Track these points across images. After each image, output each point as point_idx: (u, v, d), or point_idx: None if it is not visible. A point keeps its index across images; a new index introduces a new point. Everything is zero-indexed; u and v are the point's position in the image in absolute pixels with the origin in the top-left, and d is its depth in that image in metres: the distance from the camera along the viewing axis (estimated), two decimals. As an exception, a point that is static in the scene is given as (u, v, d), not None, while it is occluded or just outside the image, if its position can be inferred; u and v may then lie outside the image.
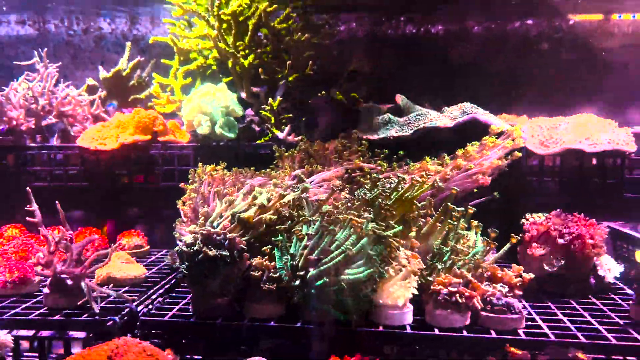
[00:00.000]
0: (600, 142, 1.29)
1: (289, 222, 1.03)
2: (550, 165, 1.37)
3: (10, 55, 1.84)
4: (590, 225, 1.10)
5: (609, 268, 1.10)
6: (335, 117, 1.47)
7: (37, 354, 1.00)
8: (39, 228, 1.02)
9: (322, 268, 0.91)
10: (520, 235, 1.13)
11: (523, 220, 1.20)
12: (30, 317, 0.96)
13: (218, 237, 0.95)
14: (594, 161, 1.36)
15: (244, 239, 0.99)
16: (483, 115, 1.33)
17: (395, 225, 0.97)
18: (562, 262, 1.07)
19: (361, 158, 1.30)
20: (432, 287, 0.95)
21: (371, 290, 0.93)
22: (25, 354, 1.01)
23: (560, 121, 1.39)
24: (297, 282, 0.92)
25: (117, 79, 1.66)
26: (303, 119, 1.52)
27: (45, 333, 0.99)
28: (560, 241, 1.07)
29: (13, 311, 0.98)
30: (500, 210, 1.27)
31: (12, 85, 1.45)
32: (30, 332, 0.99)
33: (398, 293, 0.94)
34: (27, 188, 1.02)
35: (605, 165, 1.33)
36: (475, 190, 1.21)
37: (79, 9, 1.74)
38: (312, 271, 0.92)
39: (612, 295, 1.09)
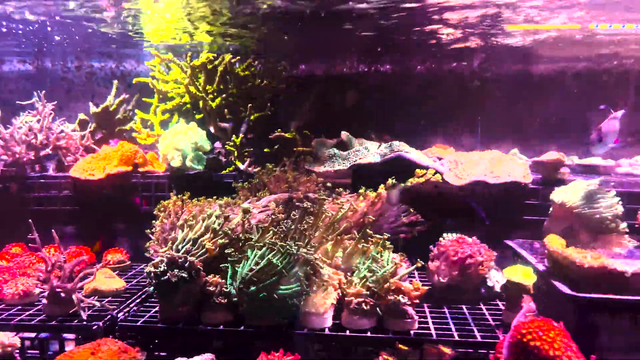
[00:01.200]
0: (501, 176, 1.56)
1: (239, 243, 1.30)
2: (465, 192, 1.64)
3: (12, 89, 2.10)
4: (479, 246, 1.37)
5: (497, 280, 1.37)
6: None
7: (38, 352, 1.26)
8: (39, 252, 1.28)
9: (260, 286, 1.18)
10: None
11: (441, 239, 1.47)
12: (32, 322, 1.22)
13: (180, 260, 1.22)
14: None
15: (201, 259, 1.26)
16: (407, 152, 1.59)
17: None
18: (457, 275, 1.34)
19: (307, 187, 1.57)
20: (346, 299, 1.21)
21: (299, 301, 1.19)
22: (28, 351, 1.26)
23: (473, 156, 1.66)
24: (242, 296, 1.19)
25: (105, 113, 1.92)
26: (266, 150, 1.79)
27: (44, 335, 1.26)
28: (454, 259, 1.34)
29: (19, 318, 1.25)
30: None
31: (15, 125, 1.70)
32: (32, 334, 1.25)
33: (319, 303, 1.20)
34: (30, 220, 1.28)
35: (508, 193, 1.60)
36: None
37: (74, 50, 1.99)
38: (252, 288, 1.18)
39: (498, 302, 1.36)
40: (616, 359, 1.11)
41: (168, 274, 1.19)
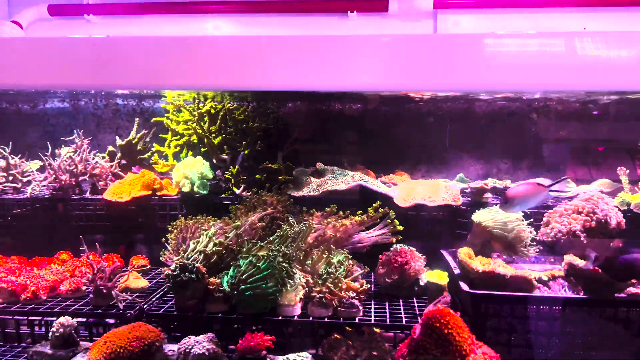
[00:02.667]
0: (437, 200, 2.01)
1: (233, 253, 1.76)
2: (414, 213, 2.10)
3: (53, 124, 2.57)
4: (415, 255, 1.83)
5: (428, 280, 1.83)
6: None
7: (87, 332, 1.73)
8: (88, 260, 1.74)
9: (248, 285, 1.63)
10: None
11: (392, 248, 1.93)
12: (83, 310, 1.69)
13: (189, 266, 1.68)
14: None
15: (204, 264, 1.72)
16: (366, 182, 2.05)
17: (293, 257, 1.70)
18: (396, 277, 1.80)
19: (287, 208, 2.03)
20: (311, 294, 1.67)
21: (276, 296, 1.65)
22: (81, 332, 1.73)
23: (418, 184, 2.12)
24: (235, 293, 1.65)
25: (128, 145, 2.38)
26: (257, 176, 2.24)
27: (92, 320, 1.72)
28: (395, 265, 1.80)
29: (73, 308, 1.71)
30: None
31: (62, 158, 2.16)
32: (83, 319, 1.71)
33: (291, 297, 1.66)
34: (81, 236, 1.75)
35: (443, 213, 2.06)
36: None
37: (102, 92, 2.46)
38: (242, 286, 1.64)
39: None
40: (501, 337, 1.57)
41: (180, 276, 1.65)
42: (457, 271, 1.74)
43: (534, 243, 1.86)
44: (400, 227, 1.94)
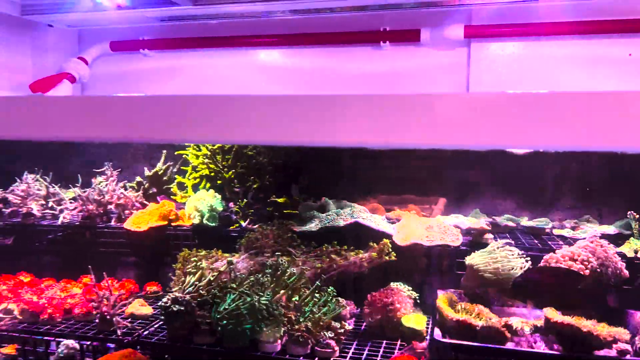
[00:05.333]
0: (435, 239, 2.00)
1: (223, 289, 1.85)
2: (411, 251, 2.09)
3: (92, 152, 2.82)
4: (400, 295, 1.83)
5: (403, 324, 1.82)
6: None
7: (91, 354, 1.89)
8: (94, 289, 1.92)
9: (230, 320, 1.72)
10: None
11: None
12: (88, 334, 1.86)
13: (181, 299, 1.80)
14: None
15: (195, 297, 1.83)
16: (363, 219, 2.07)
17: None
18: (380, 317, 1.81)
19: (287, 243, 2.10)
20: (289, 332, 1.72)
21: (257, 332, 1.72)
22: (87, 353, 1.90)
23: (418, 222, 2.11)
24: (219, 326, 1.74)
25: (155, 176, 2.56)
26: (267, 208, 2.34)
27: (95, 343, 1.88)
28: (379, 305, 1.81)
29: (81, 330, 1.89)
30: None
31: (91, 188, 2.38)
32: (87, 342, 1.88)
33: (271, 335, 1.72)
34: (89, 266, 1.92)
35: (441, 253, 2.04)
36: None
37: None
38: (224, 322, 1.73)
39: (412, 341, 1.81)
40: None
41: (171, 307, 1.77)
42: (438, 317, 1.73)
43: (528, 289, 1.80)
44: (394, 258, 1.96)
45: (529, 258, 1.83)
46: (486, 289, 1.84)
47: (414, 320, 1.67)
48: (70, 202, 2.39)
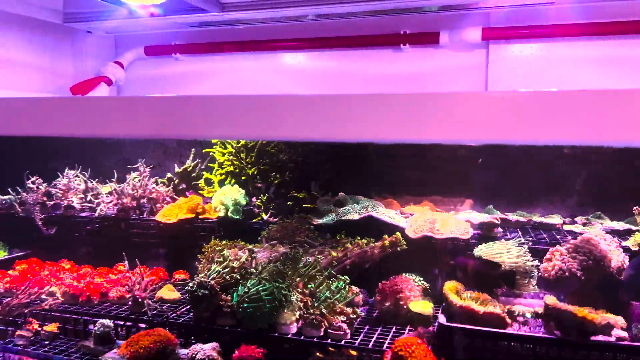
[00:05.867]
0: (445, 232, 2.10)
1: (245, 275, 2.00)
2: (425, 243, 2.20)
3: (129, 151, 3.01)
4: (410, 283, 1.94)
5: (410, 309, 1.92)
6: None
7: (124, 333, 2.06)
8: (128, 274, 2.09)
9: (250, 304, 1.86)
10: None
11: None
12: (122, 315, 2.03)
13: (205, 283, 1.95)
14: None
15: (219, 282, 1.98)
16: (377, 213, 2.19)
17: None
18: (390, 304, 1.92)
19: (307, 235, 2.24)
20: (305, 315, 1.85)
21: (274, 315, 1.86)
22: (120, 333, 2.07)
23: (431, 216, 2.21)
24: (240, 309, 1.88)
25: (184, 172, 2.73)
26: (288, 203, 2.48)
27: (128, 323, 2.05)
28: (388, 292, 1.92)
29: (115, 312, 2.06)
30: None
31: (126, 182, 2.56)
32: (121, 322, 2.05)
33: (287, 317, 1.85)
34: (123, 253, 2.09)
35: (452, 245, 2.13)
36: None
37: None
38: (245, 305, 1.87)
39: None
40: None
41: (197, 292, 1.93)
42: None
43: (532, 278, 1.89)
44: (404, 246, 2.07)
45: (526, 248, 1.92)
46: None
47: (421, 306, 1.78)
48: (107, 196, 2.57)
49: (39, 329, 2.08)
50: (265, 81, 3.42)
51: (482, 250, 1.94)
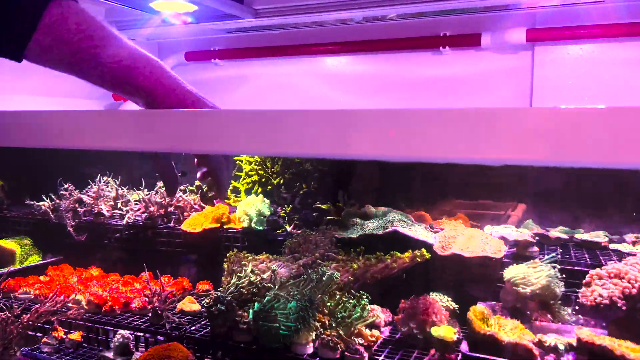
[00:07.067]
0: (475, 250, 1.96)
1: (263, 290, 1.94)
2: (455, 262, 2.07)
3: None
4: (434, 305, 1.82)
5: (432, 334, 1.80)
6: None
7: (143, 344, 2.05)
8: (148, 285, 2.08)
9: (265, 321, 1.80)
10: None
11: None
12: (141, 326, 2.02)
13: (222, 298, 1.91)
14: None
15: (239, 297, 1.93)
16: (402, 228, 2.08)
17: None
18: (413, 326, 1.81)
19: (329, 249, 2.16)
20: (322, 336, 1.77)
21: (289, 334, 1.79)
22: (140, 344, 2.06)
23: (462, 232, 2.08)
24: (256, 326, 1.83)
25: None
26: (314, 214, 2.41)
27: (147, 335, 2.04)
28: (412, 313, 1.81)
29: (135, 323, 2.05)
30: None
31: (154, 191, 2.57)
32: (140, 334, 2.04)
33: (303, 337, 1.78)
34: (144, 263, 2.08)
35: (482, 264, 1.99)
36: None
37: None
38: (261, 322, 1.81)
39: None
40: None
41: (213, 307, 1.89)
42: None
43: (569, 305, 1.74)
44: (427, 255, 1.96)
45: (557, 271, 1.76)
46: (526, 303, 1.79)
47: (444, 331, 1.66)
48: (136, 204, 2.58)
49: (64, 336, 2.11)
50: (302, 86, 3.37)
51: (513, 272, 1.80)
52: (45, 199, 2.62)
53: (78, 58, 0.95)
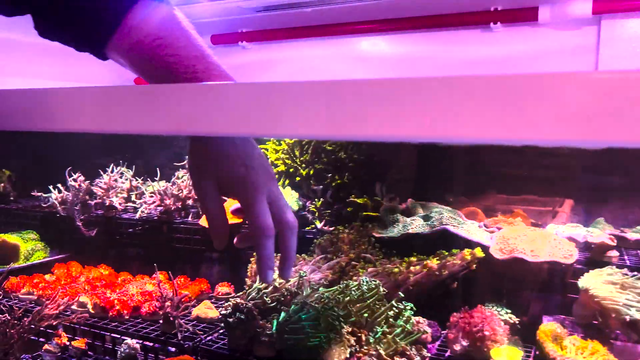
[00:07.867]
0: (541, 255, 1.65)
1: (288, 298, 1.67)
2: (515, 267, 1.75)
3: (182, 147, 2.79)
4: (491, 321, 1.51)
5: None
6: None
7: (152, 355, 1.81)
8: (160, 288, 1.82)
9: (290, 335, 1.53)
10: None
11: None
12: (151, 335, 1.77)
13: (242, 307, 1.64)
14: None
15: (258, 305, 1.66)
16: (454, 226, 1.77)
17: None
18: (466, 345, 1.51)
19: (365, 250, 1.87)
20: (357, 354, 1.49)
21: (317, 350, 1.51)
22: (149, 355, 1.82)
23: (524, 232, 1.76)
24: (280, 339, 1.56)
25: (236, 171, 2.45)
26: (348, 209, 2.12)
27: (157, 345, 1.79)
28: (465, 330, 1.51)
29: (144, 331, 1.81)
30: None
31: (170, 183, 2.32)
32: (150, 343, 1.79)
33: (334, 355, 1.50)
34: (154, 264, 1.83)
35: (549, 270, 1.68)
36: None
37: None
38: (287, 335, 1.54)
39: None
40: None
41: (232, 316, 1.62)
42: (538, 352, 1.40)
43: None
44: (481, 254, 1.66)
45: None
46: (606, 320, 1.47)
47: (507, 354, 1.36)
48: (150, 196, 2.34)
49: (68, 343, 1.88)
50: (335, 69, 3.08)
51: (590, 282, 1.48)
52: (52, 190, 2.40)
53: (153, 65, 0.91)
